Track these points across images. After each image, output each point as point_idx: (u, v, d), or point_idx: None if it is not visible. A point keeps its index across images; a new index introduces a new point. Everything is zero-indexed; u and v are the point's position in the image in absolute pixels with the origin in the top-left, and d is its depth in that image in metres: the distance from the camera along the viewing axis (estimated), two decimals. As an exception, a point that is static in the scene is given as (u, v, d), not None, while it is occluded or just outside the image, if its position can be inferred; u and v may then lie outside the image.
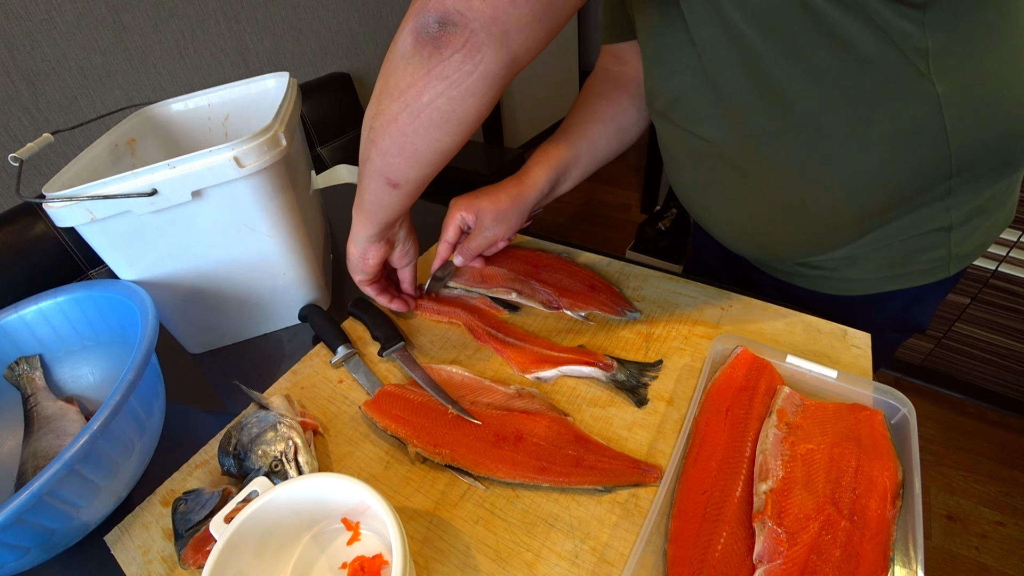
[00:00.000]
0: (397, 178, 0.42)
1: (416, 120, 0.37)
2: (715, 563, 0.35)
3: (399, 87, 0.36)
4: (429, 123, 0.36)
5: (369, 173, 0.43)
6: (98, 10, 1.17)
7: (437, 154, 0.39)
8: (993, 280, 1.23)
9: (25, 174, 1.13)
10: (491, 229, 0.55)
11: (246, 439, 0.43)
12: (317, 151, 1.67)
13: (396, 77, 0.36)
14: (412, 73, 0.35)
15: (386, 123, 0.38)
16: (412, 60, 0.34)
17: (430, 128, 0.37)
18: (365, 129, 0.41)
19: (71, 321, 0.52)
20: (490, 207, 0.54)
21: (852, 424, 0.42)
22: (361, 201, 0.47)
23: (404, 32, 0.34)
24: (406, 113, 0.36)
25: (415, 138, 0.38)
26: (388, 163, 0.40)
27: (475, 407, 0.48)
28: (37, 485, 0.33)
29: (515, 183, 0.55)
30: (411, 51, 0.34)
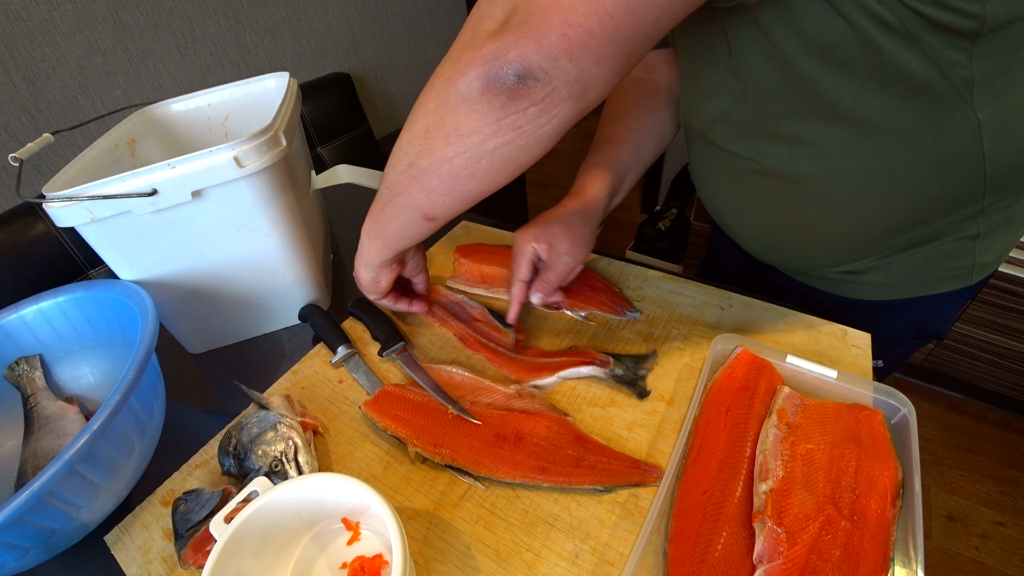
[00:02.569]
0: (436, 214, 0.40)
1: (475, 165, 0.35)
2: (715, 563, 0.35)
3: (458, 131, 0.34)
4: (489, 168, 0.35)
5: (403, 206, 0.41)
6: (98, 10, 1.17)
7: (486, 193, 0.39)
8: (993, 280, 1.23)
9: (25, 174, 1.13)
10: (569, 255, 0.51)
11: (246, 439, 0.43)
12: (317, 151, 1.67)
13: (455, 120, 0.34)
14: (478, 120, 0.33)
15: (437, 163, 0.36)
16: (479, 107, 0.33)
17: (488, 172, 0.36)
18: (401, 162, 0.39)
19: (71, 321, 0.52)
20: (563, 232, 0.51)
21: (852, 424, 0.42)
22: (382, 229, 0.45)
23: (468, 75, 0.32)
24: (464, 157, 0.35)
25: (469, 181, 0.36)
26: (432, 201, 0.39)
27: (475, 407, 0.48)
28: (37, 485, 0.33)
29: (578, 201, 0.53)
30: (478, 97, 0.32)
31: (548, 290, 0.52)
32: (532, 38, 0.29)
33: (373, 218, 0.46)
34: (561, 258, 0.51)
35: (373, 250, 0.48)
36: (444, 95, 0.34)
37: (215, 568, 0.32)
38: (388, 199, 0.42)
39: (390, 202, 0.42)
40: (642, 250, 1.99)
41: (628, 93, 0.62)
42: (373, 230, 0.46)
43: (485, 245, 0.68)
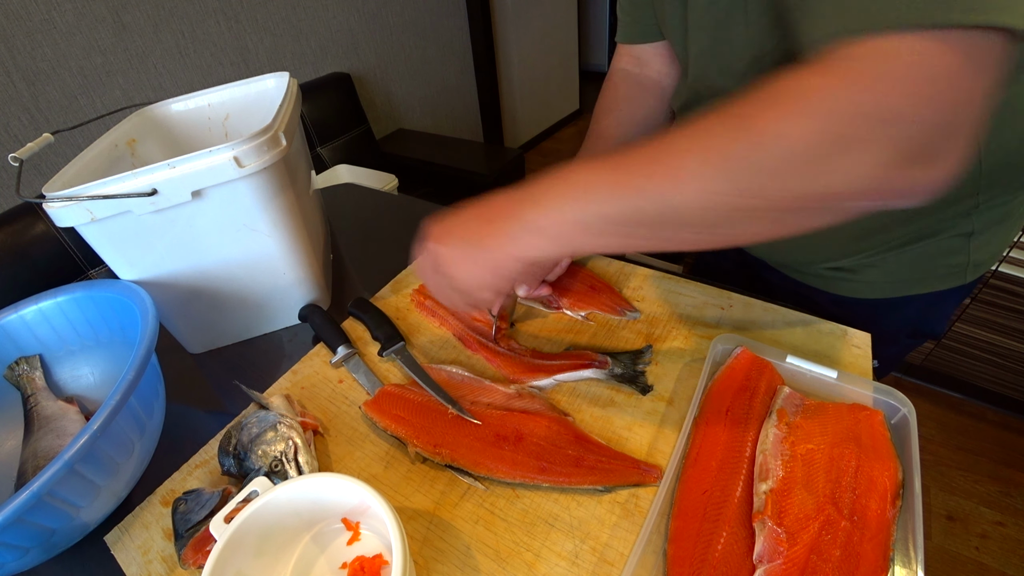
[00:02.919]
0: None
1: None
2: (715, 563, 0.35)
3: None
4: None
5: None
6: (98, 10, 1.17)
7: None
8: (993, 280, 1.23)
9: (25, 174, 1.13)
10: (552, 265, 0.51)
11: (246, 439, 0.43)
12: (317, 151, 1.67)
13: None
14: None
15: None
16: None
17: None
18: (713, 193, 0.30)
19: (71, 321, 0.52)
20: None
21: (852, 424, 0.42)
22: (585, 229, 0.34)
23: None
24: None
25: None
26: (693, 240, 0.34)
27: (475, 407, 0.48)
28: (37, 485, 0.33)
29: None
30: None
31: (533, 282, 0.51)
32: None
33: (571, 221, 0.35)
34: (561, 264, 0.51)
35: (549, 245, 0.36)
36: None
37: (215, 568, 0.32)
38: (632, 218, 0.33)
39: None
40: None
41: (619, 88, 0.61)
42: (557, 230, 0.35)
43: (485, 245, 0.68)
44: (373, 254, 0.74)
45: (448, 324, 0.58)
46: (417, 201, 0.85)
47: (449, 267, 0.39)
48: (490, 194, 0.39)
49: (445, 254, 0.39)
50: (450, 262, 0.39)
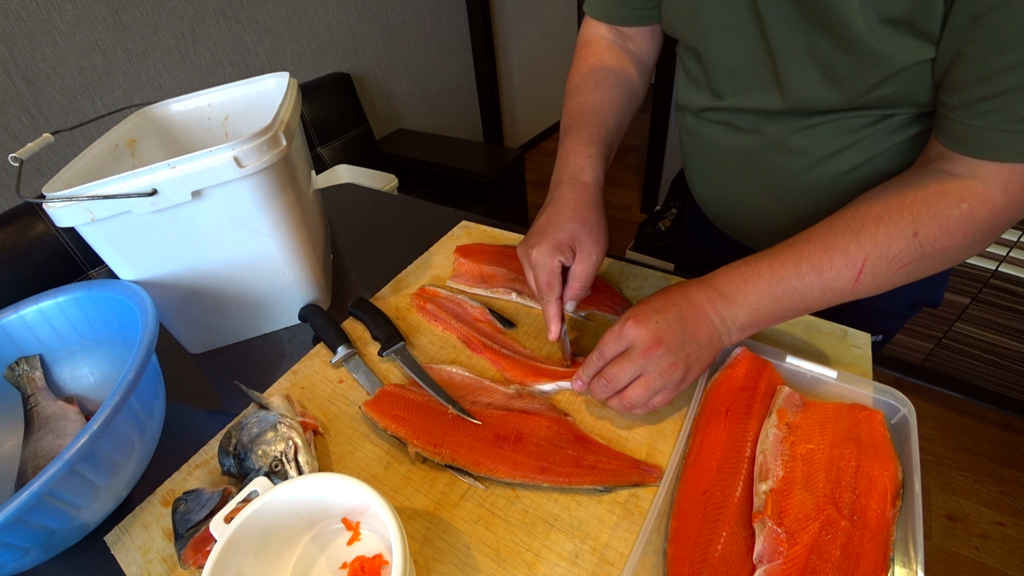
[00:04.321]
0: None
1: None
2: (715, 563, 0.35)
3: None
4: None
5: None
6: (98, 10, 1.17)
7: None
8: (993, 280, 1.23)
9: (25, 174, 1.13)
10: (595, 251, 0.47)
11: (246, 439, 0.43)
12: (317, 151, 1.67)
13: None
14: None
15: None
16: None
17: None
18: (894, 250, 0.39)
19: (71, 321, 0.52)
20: (582, 230, 0.47)
21: (852, 424, 0.42)
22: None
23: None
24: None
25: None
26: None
27: (475, 407, 0.48)
28: (37, 485, 0.33)
29: (582, 190, 0.49)
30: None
31: (582, 293, 0.49)
32: None
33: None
34: (589, 258, 0.47)
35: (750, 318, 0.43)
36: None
37: (215, 568, 0.32)
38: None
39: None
40: (642, 250, 1.99)
41: (606, 59, 0.58)
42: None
43: (485, 245, 0.68)
44: (373, 254, 0.74)
45: (451, 327, 0.57)
46: (417, 201, 0.85)
47: (672, 372, 0.41)
48: (671, 290, 0.44)
49: (664, 360, 0.40)
50: (674, 367, 0.41)
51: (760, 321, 0.42)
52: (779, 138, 0.50)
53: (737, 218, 0.62)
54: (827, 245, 0.40)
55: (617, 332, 0.42)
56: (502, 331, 0.57)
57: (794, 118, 0.48)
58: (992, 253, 1.20)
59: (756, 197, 0.56)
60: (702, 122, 0.57)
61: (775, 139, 0.50)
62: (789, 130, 0.49)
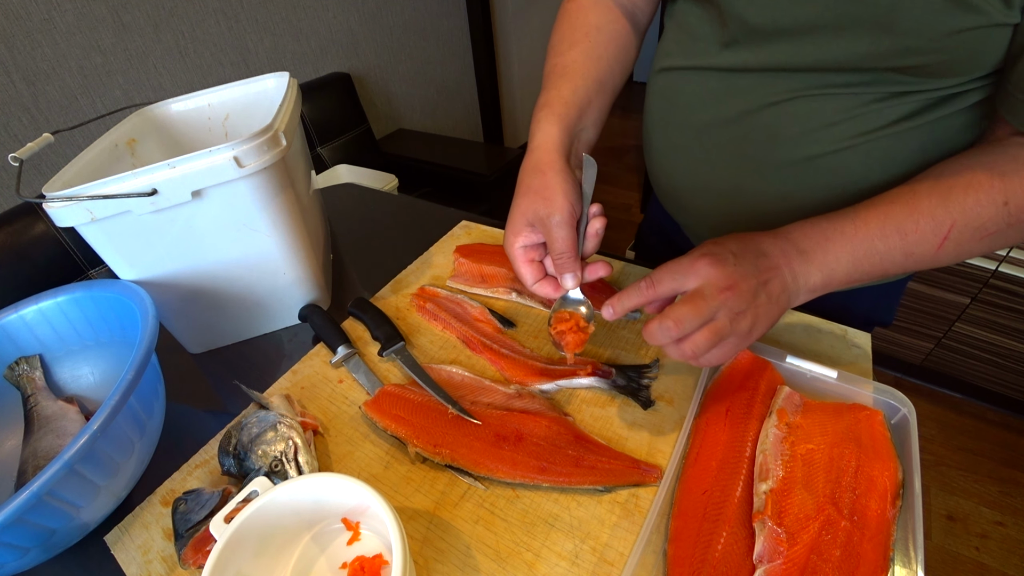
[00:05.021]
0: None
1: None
2: (715, 563, 0.35)
3: None
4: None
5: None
6: (98, 10, 1.17)
7: None
8: (993, 280, 1.23)
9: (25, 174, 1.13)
10: (561, 212, 0.42)
11: (246, 439, 0.43)
12: (317, 151, 1.67)
13: None
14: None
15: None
16: None
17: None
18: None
19: (71, 321, 0.52)
20: (539, 199, 0.43)
21: (852, 424, 0.42)
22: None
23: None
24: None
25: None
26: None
27: (475, 407, 0.48)
28: (37, 485, 0.33)
29: (531, 157, 0.45)
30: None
31: (572, 265, 0.43)
32: None
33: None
34: (556, 225, 0.42)
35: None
36: None
37: (215, 568, 0.32)
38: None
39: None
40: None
41: (588, 14, 0.53)
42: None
43: (485, 245, 0.68)
44: (373, 254, 0.74)
45: (451, 327, 0.57)
46: (417, 201, 0.85)
47: (741, 321, 0.38)
48: (744, 237, 0.40)
49: (737, 305, 0.37)
50: (743, 317, 0.38)
51: (834, 283, 0.40)
52: (779, 99, 0.47)
53: (698, 202, 0.58)
54: (913, 207, 0.39)
55: (686, 266, 0.38)
56: (502, 331, 0.57)
57: (807, 76, 0.45)
58: (992, 253, 1.20)
59: (728, 173, 0.53)
60: (687, 82, 0.53)
61: (773, 100, 0.47)
62: (794, 91, 0.46)
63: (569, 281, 0.44)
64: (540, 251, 0.46)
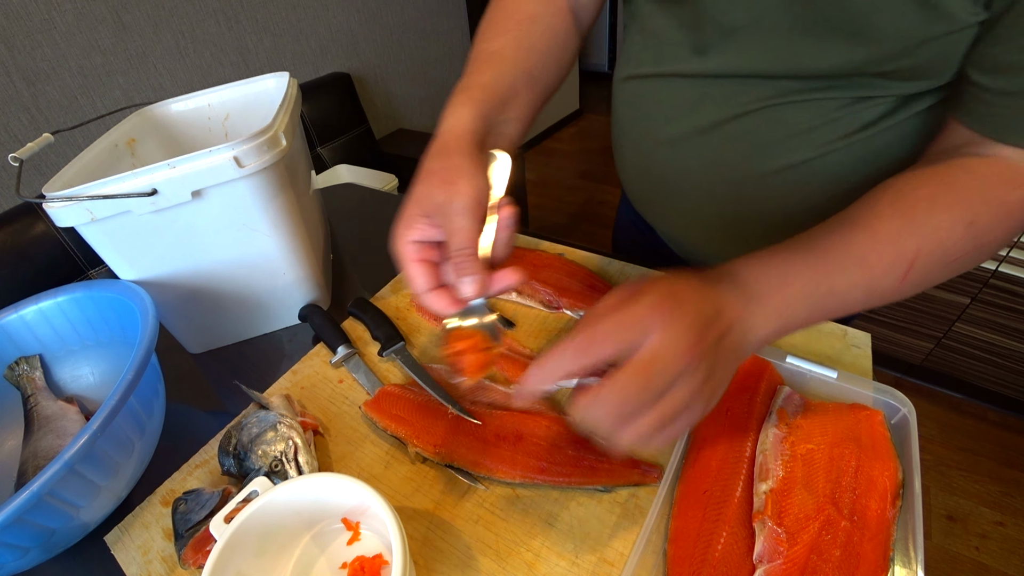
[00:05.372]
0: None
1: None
2: (715, 563, 0.35)
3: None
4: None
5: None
6: (98, 10, 1.17)
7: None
8: (993, 280, 1.23)
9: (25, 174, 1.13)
10: (458, 197, 0.33)
11: (246, 439, 0.43)
12: (317, 151, 1.67)
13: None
14: None
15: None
16: None
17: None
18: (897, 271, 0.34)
19: (71, 321, 0.52)
20: (434, 187, 0.34)
21: (852, 424, 0.42)
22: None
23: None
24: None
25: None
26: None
27: (475, 407, 0.48)
28: (37, 485, 0.33)
29: (435, 143, 0.38)
30: None
31: (473, 266, 0.33)
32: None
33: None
34: (456, 213, 0.33)
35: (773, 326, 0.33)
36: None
37: (215, 568, 0.32)
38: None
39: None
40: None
41: (522, 4, 0.48)
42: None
43: (485, 245, 0.68)
44: (373, 254, 0.74)
45: None
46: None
47: (699, 391, 0.29)
48: (684, 283, 0.32)
49: (698, 375, 0.29)
50: (703, 385, 0.30)
51: (787, 330, 0.34)
52: (754, 107, 0.46)
53: (673, 211, 0.58)
54: (874, 232, 0.33)
55: (635, 318, 0.29)
56: (502, 331, 0.57)
57: (782, 83, 0.43)
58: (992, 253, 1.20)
59: (703, 183, 0.52)
60: (657, 90, 0.51)
61: (749, 109, 0.46)
62: (769, 99, 0.45)
63: (468, 287, 0.33)
64: (436, 251, 0.36)
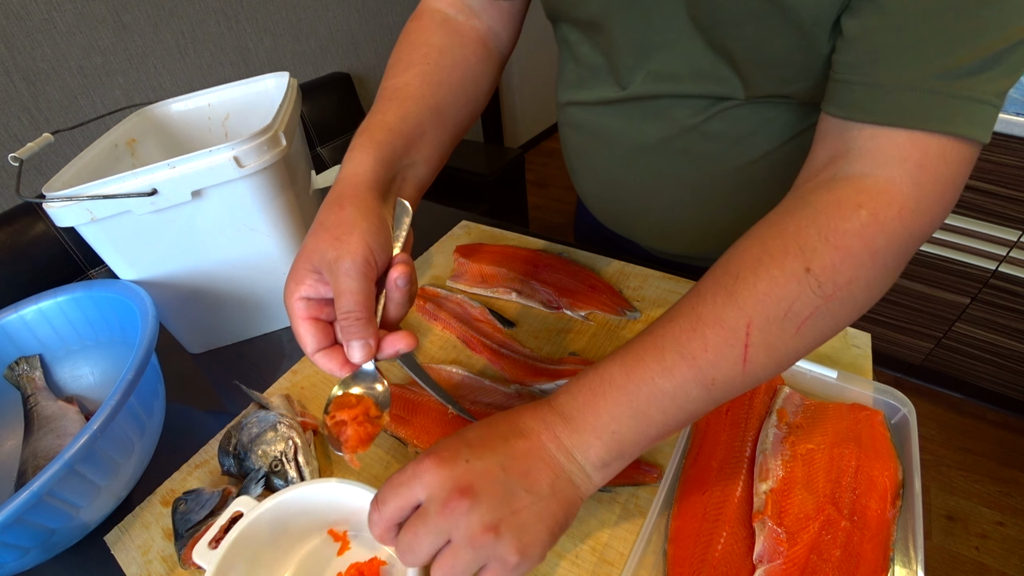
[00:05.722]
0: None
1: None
2: (715, 563, 0.35)
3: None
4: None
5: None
6: (98, 10, 1.17)
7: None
8: (993, 280, 1.23)
9: (25, 174, 1.13)
10: (346, 256, 0.31)
11: (246, 439, 0.43)
12: (317, 151, 1.67)
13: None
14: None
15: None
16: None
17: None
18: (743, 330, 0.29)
19: (71, 321, 0.52)
20: (322, 240, 0.32)
21: (852, 424, 0.42)
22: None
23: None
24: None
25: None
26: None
27: (475, 407, 0.48)
28: (37, 485, 0.33)
29: (331, 189, 0.35)
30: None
31: (363, 331, 0.31)
32: None
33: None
34: (344, 274, 0.31)
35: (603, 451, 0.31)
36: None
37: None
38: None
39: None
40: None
41: (431, 34, 0.45)
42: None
43: (485, 245, 0.68)
44: (373, 254, 0.74)
45: (451, 327, 0.57)
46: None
47: (496, 535, 0.28)
48: (498, 418, 0.32)
49: (475, 520, 0.28)
50: (498, 530, 0.28)
51: (626, 449, 0.31)
52: (692, 123, 0.45)
53: (635, 221, 0.59)
54: (695, 318, 0.30)
55: (409, 475, 0.29)
56: (502, 331, 0.57)
57: (709, 101, 0.44)
58: (992, 253, 1.20)
59: (664, 193, 0.52)
60: (599, 115, 0.51)
61: (688, 125, 0.46)
62: (710, 111, 0.44)
63: (357, 352, 0.32)
64: (327, 308, 0.34)
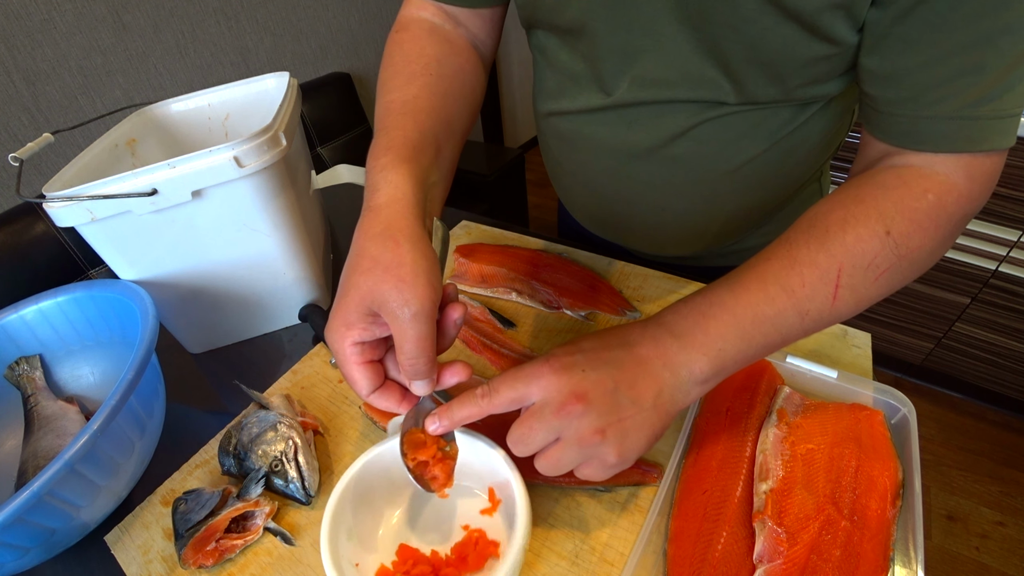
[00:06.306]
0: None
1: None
2: (715, 563, 0.35)
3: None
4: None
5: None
6: (98, 10, 1.17)
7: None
8: (993, 280, 1.23)
9: (25, 174, 1.13)
10: (410, 303, 0.30)
11: (246, 439, 0.43)
12: (317, 151, 1.67)
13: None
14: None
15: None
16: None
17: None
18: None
19: (71, 321, 0.52)
20: (380, 280, 0.31)
21: (852, 424, 0.42)
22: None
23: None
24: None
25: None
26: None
27: (475, 407, 0.48)
28: (37, 485, 0.33)
29: (375, 219, 0.33)
30: None
31: (430, 371, 0.33)
32: None
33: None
34: (413, 320, 0.30)
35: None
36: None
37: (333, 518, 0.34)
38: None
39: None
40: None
41: (424, 45, 0.44)
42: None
43: (485, 245, 0.68)
44: (373, 254, 0.74)
45: None
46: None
47: (601, 438, 0.31)
48: (608, 332, 0.36)
49: (585, 424, 0.31)
50: (604, 434, 0.31)
51: (727, 366, 0.34)
52: (681, 129, 0.45)
53: (622, 228, 0.59)
54: (792, 259, 0.34)
55: (528, 375, 0.32)
56: (502, 331, 0.57)
57: (701, 104, 0.44)
58: (992, 253, 1.20)
59: (651, 199, 0.52)
60: (582, 125, 0.50)
61: (677, 131, 0.45)
62: (696, 118, 0.44)
63: (422, 388, 0.34)
64: (379, 348, 0.35)
